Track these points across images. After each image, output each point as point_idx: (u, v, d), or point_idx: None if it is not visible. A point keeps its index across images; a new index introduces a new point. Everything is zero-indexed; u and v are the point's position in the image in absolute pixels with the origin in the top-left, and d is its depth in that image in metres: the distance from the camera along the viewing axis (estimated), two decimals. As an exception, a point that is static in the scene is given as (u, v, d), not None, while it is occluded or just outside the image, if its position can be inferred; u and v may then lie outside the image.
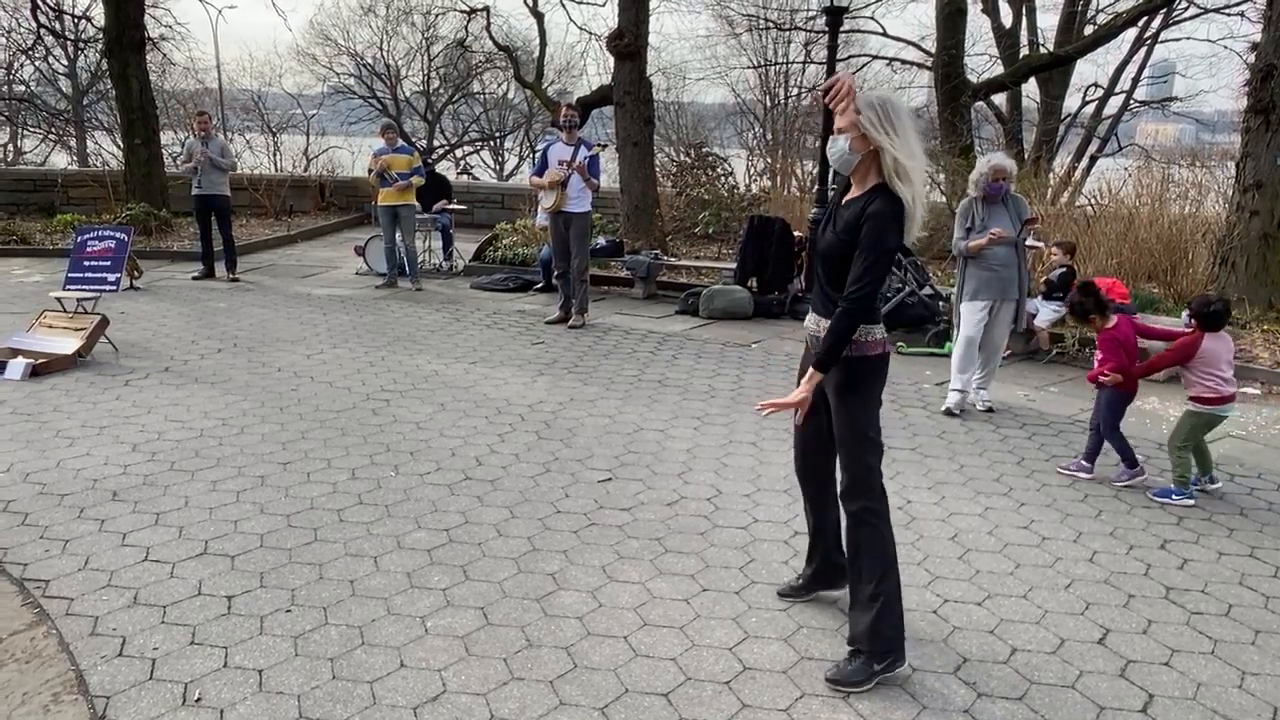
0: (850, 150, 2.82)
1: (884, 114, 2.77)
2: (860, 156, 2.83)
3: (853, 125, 2.79)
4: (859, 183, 2.91)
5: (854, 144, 2.81)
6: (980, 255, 5.68)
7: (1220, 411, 4.51)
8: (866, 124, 2.77)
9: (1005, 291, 5.73)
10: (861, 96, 2.81)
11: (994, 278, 5.71)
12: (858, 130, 2.79)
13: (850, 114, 2.79)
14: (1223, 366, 4.47)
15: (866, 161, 2.84)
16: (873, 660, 2.91)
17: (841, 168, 2.90)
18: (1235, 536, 4.12)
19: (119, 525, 3.98)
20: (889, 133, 2.76)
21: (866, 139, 2.79)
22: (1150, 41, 19.70)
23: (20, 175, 15.94)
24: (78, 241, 8.13)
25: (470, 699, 2.83)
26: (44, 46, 20.79)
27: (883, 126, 2.76)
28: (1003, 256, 5.68)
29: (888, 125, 2.76)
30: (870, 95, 2.82)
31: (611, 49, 11.38)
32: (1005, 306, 5.78)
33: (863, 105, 2.78)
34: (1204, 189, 9.97)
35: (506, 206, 14.62)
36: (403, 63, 29.21)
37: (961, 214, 5.82)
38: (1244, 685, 3.00)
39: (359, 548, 3.81)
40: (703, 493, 4.49)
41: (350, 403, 5.80)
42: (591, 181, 7.86)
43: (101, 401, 5.74)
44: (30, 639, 3.11)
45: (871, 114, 2.77)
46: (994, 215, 5.69)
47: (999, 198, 5.73)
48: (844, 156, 2.84)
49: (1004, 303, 5.76)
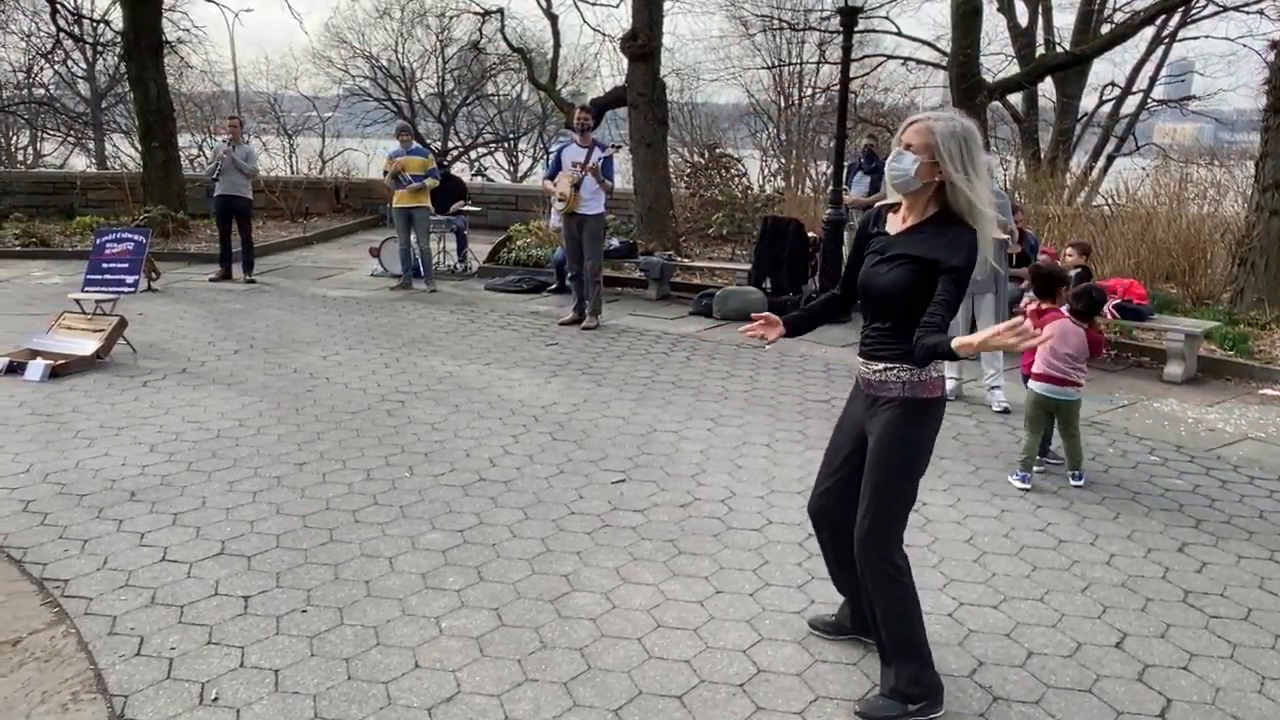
0: (915, 175, 2.56)
1: (966, 149, 2.53)
2: (923, 184, 2.58)
3: (926, 149, 2.54)
4: (914, 209, 2.66)
5: (921, 170, 2.56)
6: None
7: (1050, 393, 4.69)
8: (944, 154, 2.52)
9: (980, 284, 5.80)
10: (945, 122, 2.55)
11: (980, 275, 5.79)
12: (930, 155, 2.54)
13: (928, 134, 2.54)
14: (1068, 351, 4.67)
15: (928, 190, 2.60)
16: (907, 701, 2.74)
17: (900, 188, 2.63)
18: (1255, 540, 4.08)
19: (137, 525, 4.02)
20: (967, 172, 2.52)
21: (936, 168, 2.54)
22: (1168, 40, 19.54)
23: (40, 178, 16.11)
24: (96, 244, 8.20)
25: (484, 700, 2.84)
26: (63, 50, 21.00)
27: (963, 165, 2.52)
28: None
29: (969, 164, 2.53)
30: (955, 122, 2.56)
31: (625, 50, 11.39)
32: (984, 299, 5.90)
33: (945, 133, 2.53)
34: (1223, 188, 9.88)
35: (520, 208, 14.65)
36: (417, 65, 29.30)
37: None
38: (1264, 690, 2.97)
39: (374, 548, 3.83)
40: (716, 494, 4.48)
41: (366, 404, 5.83)
42: (605, 183, 7.86)
43: (120, 402, 5.78)
44: (50, 638, 3.14)
45: (953, 144, 2.52)
46: None
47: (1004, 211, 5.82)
48: (906, 178, 2.58)
49: (981, 296, 5.89)
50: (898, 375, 2.68)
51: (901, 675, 2.74)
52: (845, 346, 7.68)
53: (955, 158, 2.52)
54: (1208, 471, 4.91)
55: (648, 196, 11.37)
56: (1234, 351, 7.06)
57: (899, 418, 2.68)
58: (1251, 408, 6.10)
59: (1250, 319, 7.81)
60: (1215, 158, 12.01)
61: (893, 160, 2.62)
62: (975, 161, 2.54)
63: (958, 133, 2.54)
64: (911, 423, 2.68)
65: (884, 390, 2.71)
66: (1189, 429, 5.62)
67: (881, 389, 2.72)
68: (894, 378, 2.68)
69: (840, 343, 7.81)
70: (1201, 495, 4.58)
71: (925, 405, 2.68)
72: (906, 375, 2.67)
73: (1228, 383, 6.71)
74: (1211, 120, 22.37)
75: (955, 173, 2.52)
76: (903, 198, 2.68)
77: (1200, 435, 5.52)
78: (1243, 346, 7.09)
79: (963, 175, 2.52)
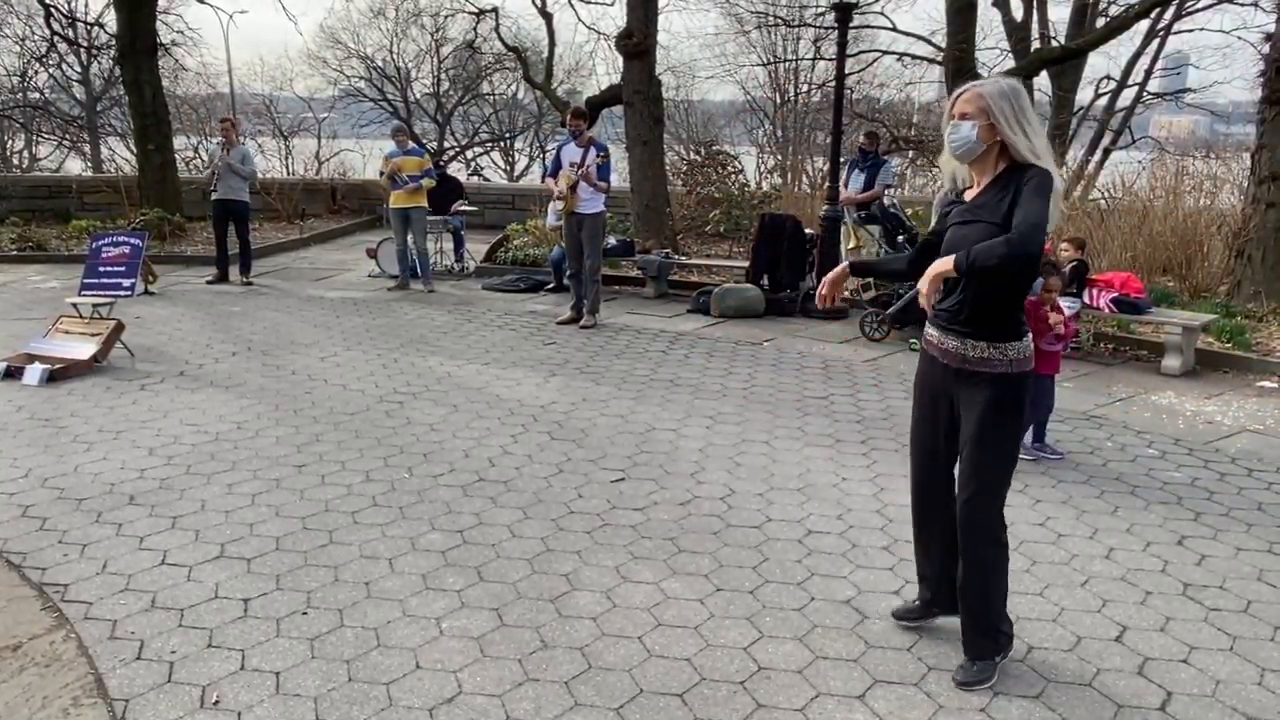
0: (977, 139, 2.67)
1: (1018, 106, 2.64)
2: (986, 145, 2.68)
3: (981, 112, 2.65)
4: (983, 171, 2.75)
5: (981, 133, 2.66)
6: None
7: None
8: (999, 115, 2.63)
9: None
10: (992, 84, 2.68)
11: None
12: (986, 118, 2.65)
13: (979, 99, 2.66)
14: None
15: (991, 151, 2.70)
16: (994, 654, 2.94)
17: (964, 156, 2.73)
18: (1253, 532, 4.09)
19: (136, 529, 4.01)
20: (1023, 127, 2.63)
21: (994, 129, 2.65)
22: (1163, 33, 19.52)
23: (36, 182, 16.09)
24: (93, 247, 8.19)
25: (485, 700, 2.84)
26: (57, 54, 20.98)
27: (1018, 121, 2.63)
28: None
29: (1023, 119, 2.64)
30: (1001, 83, 2.69)
31: (620, 48, 11.38)
32: None
33: (994, 94, 2.64)
34: (1219, 181, 9.88)
35: (517, 207, 14.64)
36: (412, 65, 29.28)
37: (938, 205, 6.13)
38: (1263, 682, 2.97)
39: (374, 550, 3.83)
40: (716, 492, 4.49)
41: (364, 405, 5.83)
42: (600, 185, 7.86)
43: (118, 406, 5.78)
44: (50, 643, 3.14)
45: (1005, 104, 2.63)
46: None
47: None
48: (969, 144, 2.68)
49: None
50: (1001, 353, 2.74)
51: (987, 635, 2.90)
52: (843, 343, 7.69)
53: (1009, 116, 2.63)
54: (1206, 464, 4.92)
55: (645, 195, 11.36)
56: (1231, 344, 7.07)
57: (1001, 395, 2.75)
58: (1249, 400, 6.11)
59: (1247, 311, 7.82)
60: (1211, 150, 12.02)
61: (951, 133, 2.74)
62: (1028, 116, 2.65)
63: (1006, 92, 2.66)
64: (1013, 398, 2.77)
65: (984, 366, 2.77)
66: (1187, 422, 5.63)
67: (981, 365, 2.77)
68: (997, 355, 2.75)
69: (838, 339, 7.81)
70: (1200, 488, 4.59)
71: (1023, 381, 2.78)
72: (1011, 353, 2.75)
73: (1225, 375, 6.71)
74: (1207, 113, 22.38)
75: (1012, 131, 2.63)
76: (969, 167, 2.79)
77: (1198, 428, 5.53)
78: (1240, 339, 7.10)
79: (1019, 131, 2.63)
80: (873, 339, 7.71)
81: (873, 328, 7.76)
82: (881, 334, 7.72)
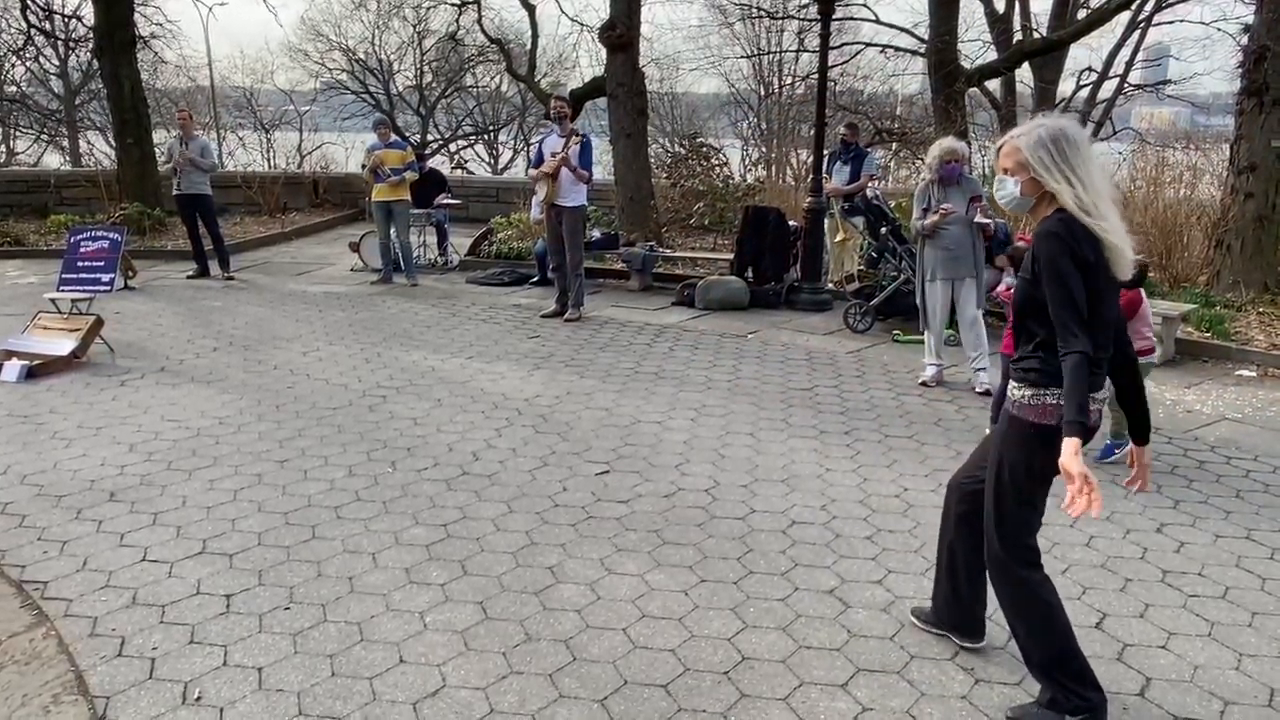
0: (1021, 195, 2.55)
1: (1058, 152, 2.45)
2: (1034, 198, 2.55)
3: (1021, 167, 2.52)
4: (1039, 218, 2.58)
5: (1024, 187, 2.54)
6: (936, 236, 6.00)
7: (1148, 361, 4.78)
8: (1038, 167, 2.47)
9: (959, 270, 6.04)
10: (1031, 133, 2.51)
11: (948, 257, 6.02)
12: (1027, 172, 2.51)
13: (1016, 153, 2.53)
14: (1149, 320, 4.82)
15: (1044, 202, 2.54)
16: (1065, 712, 2.63)
17: (1015, 210, 2.65)
18: (1231, 519, 4.13)
19: (117, 525, 3.98)
20: (1067, 176, 2.44)
21: (1038, 182, 2.50)
22: (1144, 25, 19.62)
23: (13, 176, 15.90)
24: (71, 242, 8.11)
25: (470, 693, 2.83)
26: (34, 46, 20.71)
27: (1058, 169, 2.45)
28: (956, 236, 5.99)
29: (1064, 166, 2.45)
30: (1042, 129, 2.50)
31: (604, 40, 11.35)
32: (965, 284, 6.06)
33: (1032, 145, 2.49)
34: (1199, 172, 9.96)
35: (501, 200, 14.58)
36: (395, 57, 29.14)
37: (918, 196, 6.19)
38: (1241, 667, 3.01)
39: (357, 544, 3.82)
40: (700, 484, 4.49)
41: (347, 399, 5.80)
42: (580, 173, 7.82)
43: (98, 402, 5.73)
44: (29, 640, 3.11)
45: (1043, 153, 2.46)
46: (949, 196, 6.00)
47: (954, 179, 6.03)
48: (1015, 201, 2.57)
49: (961, 281, 6.05)
50: (1012, 393, 2.64)
51: (1054, 689, 2.64)
52: (827, 335, 7.71)
53: (1050, 165, 2.46)
54: (1185, 452, 4.97)
55: (629, 187, 11.34)
56: (1211, 333, 7.13)
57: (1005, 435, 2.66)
58: (1228, 389, 6.17)
59: (1227, 301, 7.89)
60: (1191, 142, 12.09)
61: (997, 188, 2.64)
62: (1072, 159, 2.45)
63: (1044, 139, 2.48)
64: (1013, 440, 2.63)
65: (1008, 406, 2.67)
66: (1167, 410, 5.67)
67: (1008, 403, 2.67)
68: (1012, 394, 2.64)
69: (822, 331, 7.83)
70: (1180, 476, 4.63)
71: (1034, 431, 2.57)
72: (1017, 395, 2.62)
73: (1205, 364, 6.78)
74: (1187, 105, 22.50)
75: (1053, 180, 2.46)
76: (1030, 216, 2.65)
77: (1178, 416, 5.58)
78: (1220, 328, 7.16)
79: (1061, 178, 2.45)
80: (856, 330, 7.73)
81: (856, 319, 7.78)
82: (865, 326, 7.74)
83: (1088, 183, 2.44)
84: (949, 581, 3.04)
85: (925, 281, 6.12)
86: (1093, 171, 2.46)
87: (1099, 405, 2.61)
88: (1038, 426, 2.55)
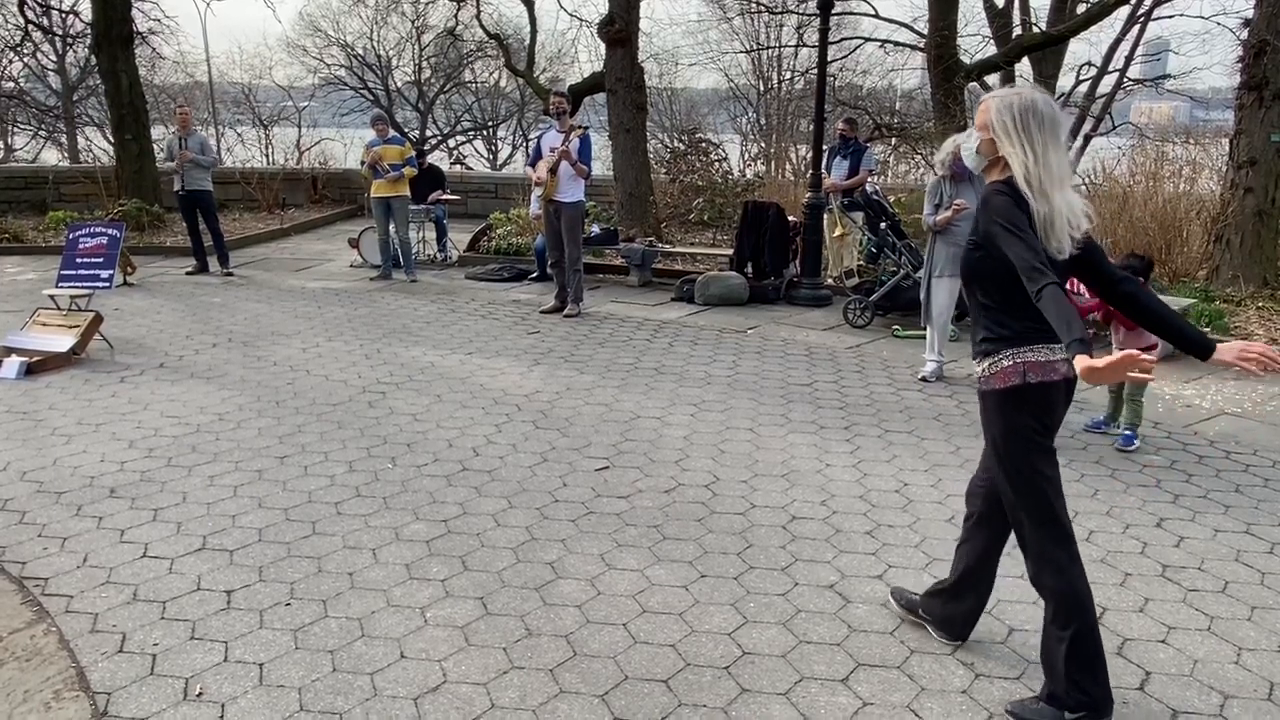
0: (978, 152, 2.59)
1: (1022, 122, 2.46)
2: (988, 160, 2.58)
3: (984, 126, 2.55)
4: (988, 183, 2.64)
5: (983, 146, 2.57)
6: (946, 231, 5.99)
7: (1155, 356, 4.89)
8: (997, 128, 2.50)
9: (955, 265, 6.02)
10: (1005, 98, 2.52)
11: (959, 253, 5.91)
12: (988, 133, 2.54)
13: (985, 112, 2.55)
14: None
15: (997, 166, 2.58)
16: (1066, 710, 2.61)
17: (972, 167, 2.68)
18: (1231, 514, 4.13)
19: (117, 522, 3.99)
20: (1022, 144, 2.45)
21: (994, 144, 2.53)
22: (1143, 19, 19.58)
23: (11, 173, 15.86)
24: (70, 239, 8.09)
25: (471, 689, 2.84)
26: (32, 42, 20.66)
27: (1016, 136, 2.46)
28: (967, 232, 5.85)
29: (1023, 136, 2.46)
30: (1015, 94, 2.52)
31: (603, 35, 11.33)
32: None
33: (999, 106, 2.50)
34: (1198, 167, 9.97)
35: (500, 196, 14.57)
36: (393, 53, 29.10)
37: (930, 191, 6.18)
38: (1240, 661, 3.01)
39: (357, 540, 3.82)
40: (700, 479, 4.49)
41: (346, 396, 5.80)
42: (580, 167, 7.81)
43: (97, 398, 5.73)
44: (30, 637, 3.12)
45: (1007, 117, 2.48)
46: (961, 192, 5.98)
47: (966, 175, 5.99)
48: (970, 157, 2.63)
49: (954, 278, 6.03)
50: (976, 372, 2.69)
51: (1063, 679, 2.60)
52: (826, 330, 7.71)
53: (1010, 131, 2.47)
54: (1185, 447, 4.97)
55: (628, 183, 11.33)
56: (1210, 328, 7.13)
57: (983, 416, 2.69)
58: (1227, 384, 6.17)
59: (1226, 296, 7.89)
60: (1191, 136, 12.09)
61: (966, 140, 2.66)
62: (1034, 131, 2.45)
63: (1013, 105, 2.49)
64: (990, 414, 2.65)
65: None
66: (1166, 405, 5.68)
67: None
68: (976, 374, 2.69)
69: (821, 326, 7.83)
70: (1179, 471, 4.64)
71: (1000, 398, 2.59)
72: (979, 371, 2.67)
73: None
74: (1187, 99, 22.45)
75: (1009, 145, 2.47)
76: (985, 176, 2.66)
77: (1177, 411, 5.58)
78: (1219, 323, 7.16)
79: (1017, 147, 2.46)
80: (856, 326, 7.73)
81: (856, 315, 7.78)
82: (865, 321, 7.74)
83: (1042, 159, 2.44)
84: (951, 585, 3.02)
85: (933, 277, 6.11)
86: (1051, 151, 2.45)
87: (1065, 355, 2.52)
88: (1003, 392, 2.57)
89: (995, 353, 2.59)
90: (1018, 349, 2.55)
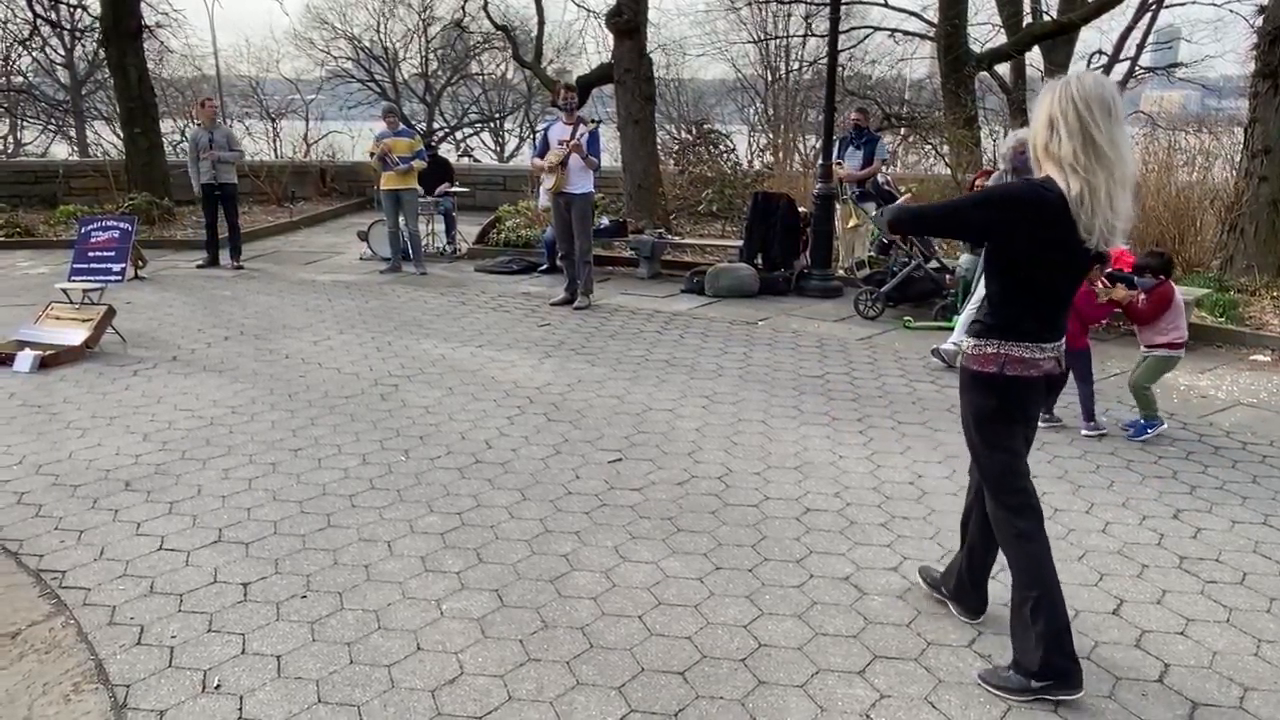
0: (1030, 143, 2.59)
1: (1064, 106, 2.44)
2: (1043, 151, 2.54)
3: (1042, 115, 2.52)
4: None
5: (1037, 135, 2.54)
6: None
7: (1177, 355, 4.89)
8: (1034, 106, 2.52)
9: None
10: (1060, 78, 2.50)
11: None
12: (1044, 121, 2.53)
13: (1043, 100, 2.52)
14: (1182, 312, 4.91)
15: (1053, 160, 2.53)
16: (1032, 678, 2.68)
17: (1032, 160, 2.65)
18: (1248, 505, 4.11)
19: (133, 515, 4.00)
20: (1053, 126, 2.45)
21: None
22: (1155, 6, 19.44)
23: (21, 167, 15.91)
24: (81, 233, 8.10)
25: (488, 681, 2.84)
26: (40, 37, 20.70)
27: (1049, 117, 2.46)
28: None
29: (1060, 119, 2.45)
30: (1065, 78, 2.49)
31: (610, 26, 11.29)
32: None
33: (1050, 86, 2.49)
34: (1211, 156, 9.87)
35: (508, 188, 14.56)
36: (400, 45, 29.02)
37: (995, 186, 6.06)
38: (1260, 653, 3.00)
39: (372, 532, 3.83)
40: (713, 471, 4.49)
41: (359, 388, 5.80)
42: (590, 160, 7.80)
43: (111, 392, 5.75)
44: (49, 629, 3.13)
45: (1048, 95, 2.48)
46: None
47: (1028, 169, 5.85)
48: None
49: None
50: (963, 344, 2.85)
51: (1026, 648, 2.68)
52: (838, 322, 7.68)
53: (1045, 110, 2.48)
54: (1201, 438, 4.94)
55: (636, 174, 11.31)
56: (1224, 318, 7.09)
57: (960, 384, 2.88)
58: (1243, 374, 6.14)
59: (1240, 285, 7.84)
60: (1203, 125, 11.99)
61: (1026, 134, 2.77)
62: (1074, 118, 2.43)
63: (1057, 86, 2.48)
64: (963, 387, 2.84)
65: None
66: (1181, 396, 5.65)
67: None
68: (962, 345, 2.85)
69: (832, 318, 7.81)
70: (1195, 462, 4.61)
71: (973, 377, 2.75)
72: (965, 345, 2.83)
73: (1219, 349, 6.74)
74: (1199, 87, 22.30)
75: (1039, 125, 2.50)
76: None
77: (1192, 402, 5.55)
78: (1233, 313, 7.12)
79: (1047, 128, 2.47)
80: (867, 317, 7.71)
81: (867, 306, 7.75)
82: (876, 312, 7.71)
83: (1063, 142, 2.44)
84: (963, 555, 3.14)
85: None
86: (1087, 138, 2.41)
87: (1054, 354, 2.69)
88: (976, 374, 2.73)
89: (983, 335, 2.71)
90: (1003, 340, 2.67)
